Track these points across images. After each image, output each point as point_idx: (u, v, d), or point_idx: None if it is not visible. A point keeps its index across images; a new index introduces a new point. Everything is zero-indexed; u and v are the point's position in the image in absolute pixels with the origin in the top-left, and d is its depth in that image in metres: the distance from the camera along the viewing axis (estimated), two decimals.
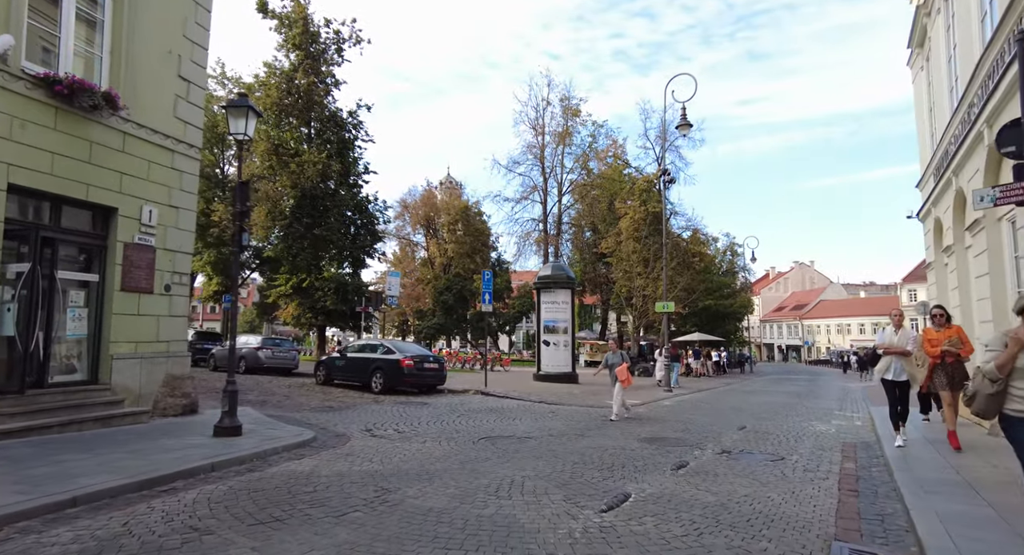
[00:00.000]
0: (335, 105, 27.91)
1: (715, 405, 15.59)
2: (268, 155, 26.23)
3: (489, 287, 17.41)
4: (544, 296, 21.40)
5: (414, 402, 13.79)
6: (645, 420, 11.87)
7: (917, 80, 14.00)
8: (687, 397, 18.05)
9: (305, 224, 25.71)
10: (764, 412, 13.93)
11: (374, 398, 14.53)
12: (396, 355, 15.30)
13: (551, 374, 20.83)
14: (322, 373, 17.32)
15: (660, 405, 15.25)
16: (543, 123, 39.26)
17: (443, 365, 15.92)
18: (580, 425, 10.79)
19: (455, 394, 15.97)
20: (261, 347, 20.35)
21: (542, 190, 39.36)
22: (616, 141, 36.55)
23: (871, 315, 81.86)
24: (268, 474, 6.14)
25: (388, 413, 11.72)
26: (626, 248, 33.27)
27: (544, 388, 18.38)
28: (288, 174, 25.33)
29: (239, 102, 8.39)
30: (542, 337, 21.25)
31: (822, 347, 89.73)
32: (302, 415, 11.08)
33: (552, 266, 22.01)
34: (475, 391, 15.98)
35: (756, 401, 16.99)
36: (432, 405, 13.29)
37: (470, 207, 55.69)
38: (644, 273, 32.60)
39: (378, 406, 12.91)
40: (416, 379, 15.29)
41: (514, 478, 6.06)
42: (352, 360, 16.40)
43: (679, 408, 14.57)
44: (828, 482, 6.23)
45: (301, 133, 27.06)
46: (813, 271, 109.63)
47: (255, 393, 14.75)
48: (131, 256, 9.31)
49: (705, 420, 12.06)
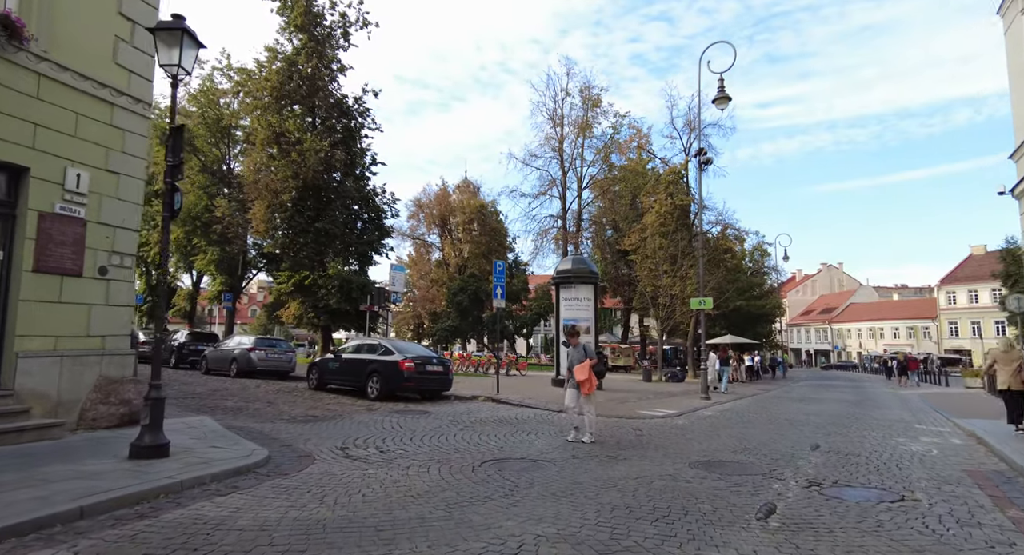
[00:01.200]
0: (340, 92, 26.21)
1: (765, 415, 13.34)
2: (268, 144, 24.56)
3: (501, 279, 15.36)
4: (564, 293, 19.29)
5: (413, 411, 11.79)
6: (690, 435, 9.71)
7: (1013, 29, 11.66)
8: (728, 405, 15.81)
9: (307, 217, 23.95)
10: (828, 425, 11.67)
11: (368, 405, 12.55)
12: (395, 356, 13.33)
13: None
14: (314, 377, 15.43)
15: (700, 415, 13.05)
16: (562, 114, 37.28)
17: (449, 368, 13.92)
18: (610, 442, 8.68)
19: (462, 401, 13.93)
20: (254, 348, 18.54)
21: (561, 184, 37.32)
22: (640, 130, 34.40)
23: (906, 318, 78.27)
24: (160, 524, 4.15)
25: (377, 425, 9.73)
26: (651, 244, 31.00)
27: (563, 394, 16.23)
28: (289, 163, 23.61)
29: (170, 24, 6.47)
30: (562, 338, 19.12)
31: (853, 352, 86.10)
32: (274, 427, 9.14)
33: (572, 259, 19.88)
34: (485, 398, 13.94)
35: (811, 411, 14.69)
36: (433, 414, 11.27)
37: (486, 205, 53.85)
38: (671, 271, 30.30)
39: (369, 415, 10.92)
40: (417, 384, 13.30)
41: (524, 540, 3.98)
42: (347, 362, 14.48)
43: (724, 419, 12.36)
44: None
45: (304, 121, 25.36)
46: (841, 273, 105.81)
47: (234, 400, 12.87)
48: (49, 229, 7.44)
49: (762, 435, 9.87)
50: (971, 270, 69.52)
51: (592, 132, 37.10)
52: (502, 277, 15.48)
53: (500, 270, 15.56)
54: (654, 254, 30.81)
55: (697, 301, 17.15)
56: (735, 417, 12.84)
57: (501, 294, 15.26)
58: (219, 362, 19.53)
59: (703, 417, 12.76)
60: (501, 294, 15.26)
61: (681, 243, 31.85)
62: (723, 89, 16.80)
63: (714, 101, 17.02)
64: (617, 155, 37.50)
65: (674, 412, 13.28)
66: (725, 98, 16.80)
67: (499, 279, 15.38)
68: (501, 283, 15.33)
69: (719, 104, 16.97)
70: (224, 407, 11.49)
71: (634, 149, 35.18)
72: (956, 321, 70.44)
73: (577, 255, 21.16)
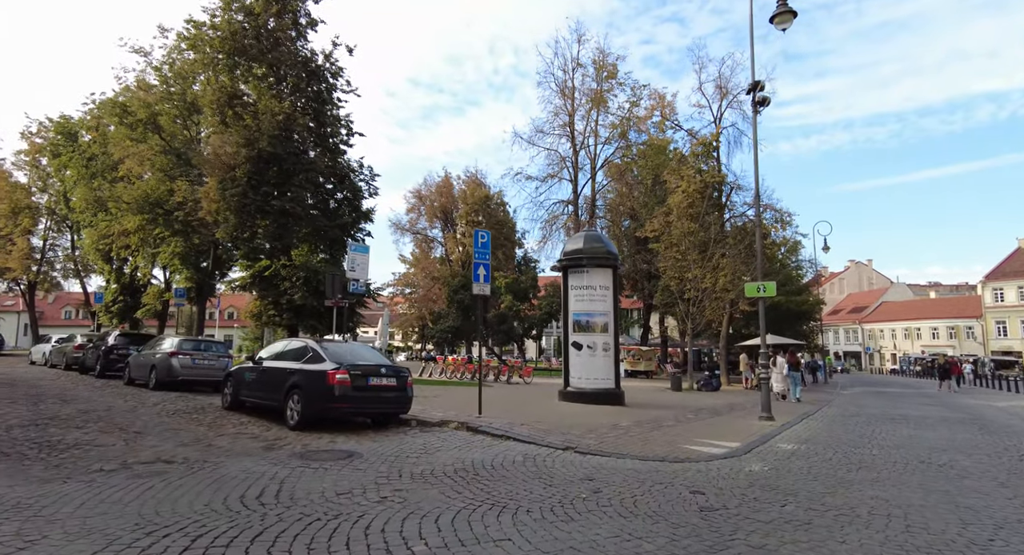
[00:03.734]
0: (308, 47, 22.16)
1: (879, 454, 8.90)
2: (220, 108, 20.54)
3: (485, 255, 11.04)
4: (573, 279, 14.96)
5: (332, 451, 7.55)
6: (794, 504, 5.32)
7: None
8: (801, 430, 11.36)
9: (262, 194, 19.88)
10: (1004, 473, 7.24)
11: (275, 438, 8.33)
12: (324, 365, 9.08)
13: (584, 392, 14.36)
14: (229, 392, 11.24)
15: (778, 452, 8.66)
16: (572, 86, 32.89)
17: (406, 382, 9.63)
18: (663, 538, 4.35)
19: (425, 429, 9.66)
20: (176, 352, 14.43)
21: (572, 165, 32.88)
22: (663, 98, 29.89)
23: (946, 317, 72.77)
24: None
25: (239, 486, 5.52)
26: (677, 229, 26.51)
27: (573, 415, 11.93)
28: (241, 129, 19.57)
29: None
30: (571, 337, 14.81)
31: (887, 353, 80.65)
32: (43, 493, 4.96)
33: (585, 236, 15.52)
34: (458, 424, 9.62)
35: (935, 442, 10.19)
36: (359, 460, 7.04)
37: (492, 196, 49.67)
38: (700, 261, 25.78)
39: (255, 463, 6.70)
40: (355, 405, 9.05)
41: None
42: (265, 373, 10.28)
43: (823, 461, 7.96)
44: None
45: (268, 82, 21.33)
46: (871, 271, 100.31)
47: (93, 427, 8.73)
48: None
49: (923, 500, 5.48)
50: (1020, 265, 64.04)
51: (607, 106, 32.69)
52: (486, 252, 11.17)
53: (484, 243, 11.23)
54: (681, 241, 26.33)
55: (754, 287, 12.71)
56: (838, 457, 8.42)
57: (485, 276, 10.95)
58: (141, 370, 15.49)
59: (785, 455, 8.37)
60: (485, 276, 10.95)
61: (713, 228, 27.37)
62: (786, 2, 12.47)
63: (773, 19, 12.65)
64: (635, 132, 33.04)
65: (737, 445, 8.91)
66: (789, 13, 12.45)
67: (482, 255, 11.06)
68: (485, 260, 11.03)
69: (780, 22, 12.60)
70: (43, 443, 7.35)
71: (656, 123, 30.64)
72: (1004, 320, 64.87)
73: (591, 231, 16.70)
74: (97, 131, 33.34)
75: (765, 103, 13.27)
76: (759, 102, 13.25)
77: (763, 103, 13.27)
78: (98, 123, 33.06)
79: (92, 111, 33.39)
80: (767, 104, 13.29)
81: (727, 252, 25.91)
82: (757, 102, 13.21)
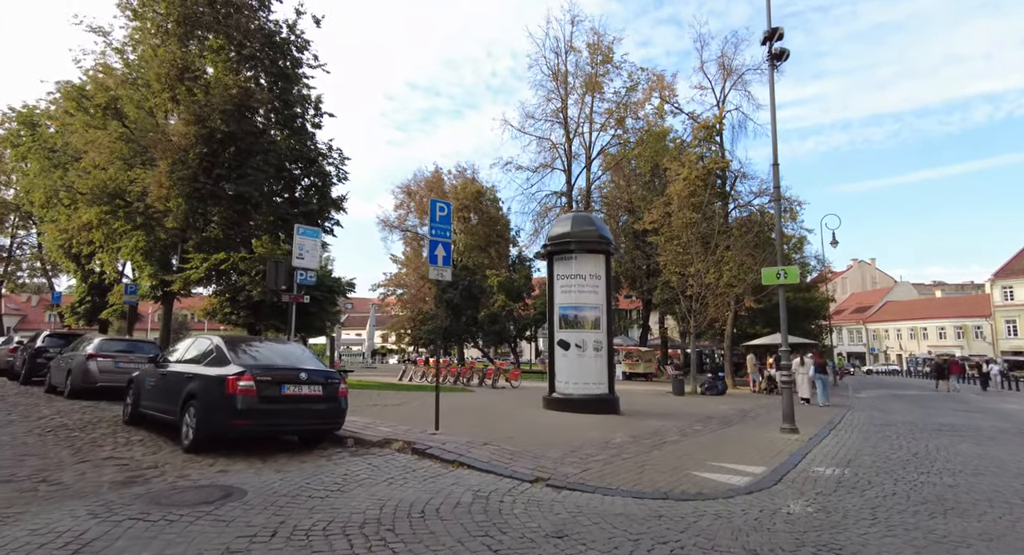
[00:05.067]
0: (272, 19, 20.09)
1: (956, 481, 6.81)
2: (170, 83, 18.45)
3: (445, 231, 8.79)
4: (560, 267, 12.84)
5: (214, 487, 5.46)
6: None
7: None
8: (833, 446, 9.24)
9: (215, 177, 17.78)
10: None
11: (152, 466, 6.26)
12: (225, 369, 6.99)
13: (572, 398, 12.24)
14: (130, 401, 9.14)
15: (818, 480, 6.56)
16: (565, 69, 30.82)
17: (337, 390, 7.52)
18: None
19: (360, 451, 7.55)
20: (94, 355, 12.33)
21: (565, 153, 30.75)
22: (662, 79, 27.79)
23: (953, 317, 70.73)
24: None
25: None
26: (678, 220, 24.43)
27: (556, 428, 9.83)
28: (191, 105, 17.49)
29: None
30: (556, 335, 12.69)
31: (892, 354, 78.62)
32: None
33: (573, 218, 13.37)
34: (403, 444, 7.50)
35: (1014, 461, 8.11)
36: (236, 503, 4.96)
37: (484, 192, 47.58)
38: (703, 254, 23.70)
39: (64, 513, 4.61)
40: (260, 420, 6.92)
41: None
42: (164, 378, 8.17)
43: (886, 491, 5.86)
44: None
45: (225, 56, 19.23)
46: (875, 270, 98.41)
47: None
48: None
49: None
50: None
51: (602, 92, 30.62)
52: (446, 228, 8.99)
53: (443, 217, 9.01)
54: (682, 233, 24.25)
55: (773, 272, 10.61)
56: (903, 490, 6.32)
57: (445, 257, 8.81)
58: (60, 374, 13.37)
59: (829, 486, 6.26)
60: (445, 257, 8.81)
61: (716, 218, 25.33)
62: None
63: None
64: (633, 119, 30.95)
65: (763, 470, 6.83)
66: None
67: (441, 231, 8.87)
68: (445, 238, 8.87)
69: None
70: None
71: (655, 107, 28.54)
72: (1015, 319, 62.87)
73: (580, 212, 14.51)
74: (59, 120, 31.28)
75: (783, 56, 11.19)
76: (776, 55, 11.18)
77: (780, 56, 11.20)
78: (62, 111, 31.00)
79: (56, 99, 31.33)
80: (785, 58, 11.22)
81: (732, 244, 23.87)
82: (774, 55, 11.14)
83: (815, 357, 17.91)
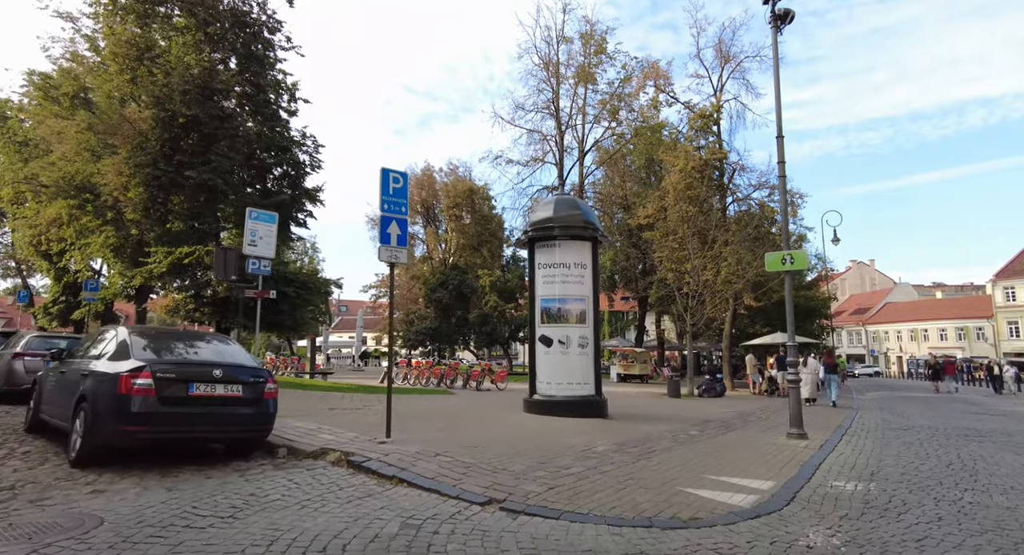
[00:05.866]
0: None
1: (1011, 499, 5.60)
2: (128, 64, 17.24)
3: (399, 205, 7.46)
4: (541, 255, 11.63)
5: (70, 515, 4.25)
6: None
7: None
8: (846, 449, 8.04)
9: (176, 164, 16.55)
10: None
11: (19, 483, 5.00)
12: (120, 365, 5.76)
13: (555, 401, 11.01)
14: (32, 405, 7.90)
15: (837, 496, 5.34)
16: (557, 60, 29.66)
17: (263, 392, 6.28)
18: None
19: (286, 464, 6.31)
20: (22, 354, 11.08)
21: (556, 143, 29.55)
22: (657, 67, 26.60)
23: (954, 318, 69.62)
24: None
25: None
26: (675, 213, 23.24)
27: (531, 433, 8.61)
28: (150, 86, 16.29)
29: None
30: (537, 330, 11.47)
31: (892, 356, 77.48)
32: None
33: (556, 201, 12.10)
34: (340, 455, 6.25)
35: None
36: (73, 544, 3.69)
37: (476, 190, 46.35)
38: (700, 250, 22.50)
39: None
40: (160, 427, 5.68)
41: None
42: (63, 376, 6.94)
43: (928, 515, 4.65)
44: None
45: (190, 36, 18.02)
46: (874, 271, 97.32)
47: None
48: None
49: None
50: None
51: (595, 83, 29.43)
52: (401, 201, 7.63)
53: (398, 189, 7.63)
54: (678, 227, 23.05)
55: (778, 257, 9.41)
56: (950, 513, 5.11)
57: (400, 236, 7.50)
58: None
59: (855, 507, 5.04)
60: (400, 236, 7.50)
61: (714, 212, 24.16)
62: None
63: None
64: (627, 111, 29.77)
65: (771, 485, 5.63)
66: None
67: (395, 205, 7.51)
68: (400, 214, 7.58)
69: None
70: None
71: (650, 98, 27.33)
72: (1017, 320, 61.82)
73: (563, 196, 13.18)
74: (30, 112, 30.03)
75: (787, 18, 10.02)
76: (779, 16, 10.02)
77: (784, 18, 10.03)
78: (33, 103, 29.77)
79: (30, 91, 30.10)
80: (790, 20, 10.04)
81: (730, 239, 22.69)
82: (778, 16, 9.97)
83: (826, 357, 16.79)
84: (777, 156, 9.93)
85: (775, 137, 9.95)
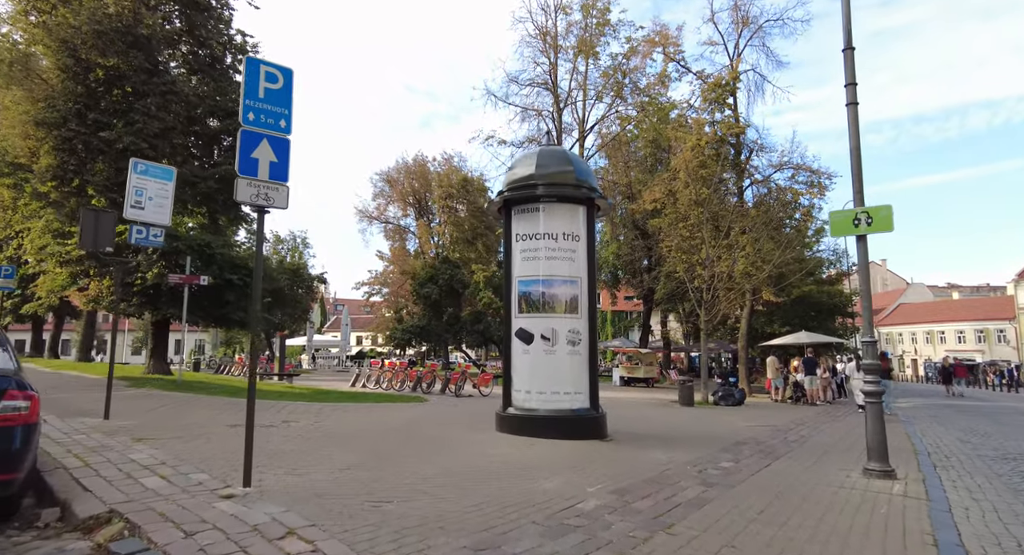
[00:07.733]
0: None
1: None
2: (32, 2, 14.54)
3: (275, 114, 4.89)
4: (520, 223, 8.83)
5: None
6: None
7: None
8: (964, 498, 5.24)
9: (91, 124, 13.82)
10: None
11: None
12: None
13: (536, 416, 8.21)
14: None
15: None
16: (555, 30, 26.87)
17: (20, 418, 3.52)
18: None
19: (43, 538, 3.54)
20: None
21: (554, 120, 26.72)
22: (666, 33, 23.77)
23: (973, 320, 66.53)
24: None
25: None
26: (685, 197, 20.41)
27: (494, 472, 5.83)
28: (55, 28, 13.58)
29: None
30: (514, 322, 8.69)
31: (907, 358, 74.34)
32: None
33: (540, 154, 9.09)
34: (121, 528, 3.53)
35: None
36: None
37: (471, 180, 43.60)
38: (715, 238, 19.66)
39: None
40: None
41: None
42: None
43: None
44: None
45: None
46: (886, 271, 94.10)
47: None
48: None
49: None
50: None
51: (597, 57, 26.63)
52: (279, 113, 4.95)
53: (276, 92, 4.78)
54: (689, 212, 20.21)
55: (848, 217, 6.59)
56: None
57: (275, 166, 4.71)
58: None
59: None
60: (275, 166, 4.71)
61: (730, 198, 21.37)
62: None
63: None
64: (632, 88, 26.92)
65: None
66: None
67: (268, 116, 4.73)
68: (276, 128, 4.84)
69: None
70: None
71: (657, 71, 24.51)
72: None
73: (548, 147, 10.27)
74: None
75: None
76: None
77: None
78: None
79: None
80: None
81: (748, 226, 19.88)
82: None
83: (882, 361, 14.02)
84: (845, 78, 7.11)
85: (842, 49, 7.12)
